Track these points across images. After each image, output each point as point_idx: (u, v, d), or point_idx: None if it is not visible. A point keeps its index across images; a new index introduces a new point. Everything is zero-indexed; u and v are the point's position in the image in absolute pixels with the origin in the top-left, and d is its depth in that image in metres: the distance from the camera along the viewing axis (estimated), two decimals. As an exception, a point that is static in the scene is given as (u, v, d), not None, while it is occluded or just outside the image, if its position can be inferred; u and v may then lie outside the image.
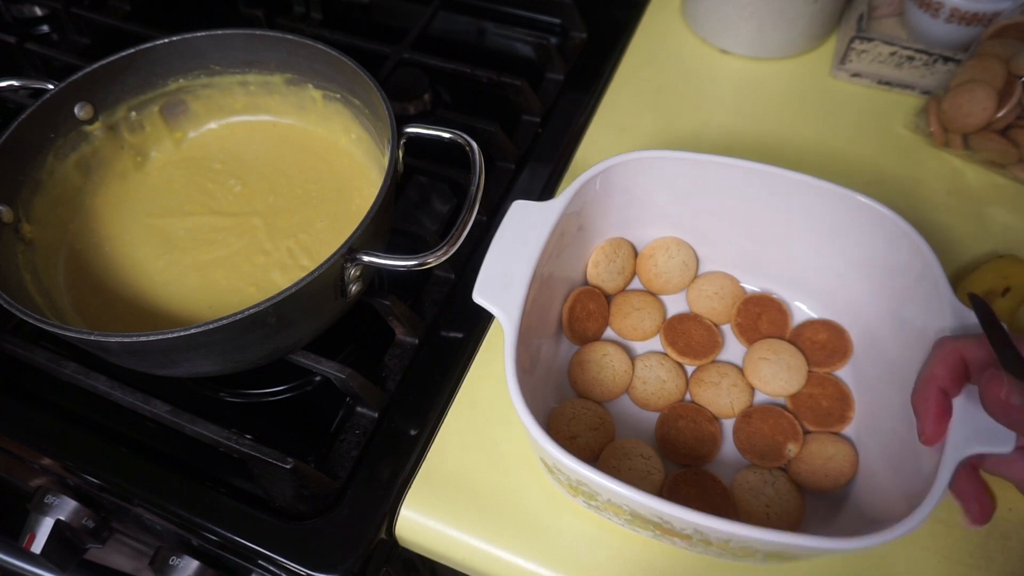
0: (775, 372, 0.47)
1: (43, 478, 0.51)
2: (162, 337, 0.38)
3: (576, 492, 0.39)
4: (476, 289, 0.41)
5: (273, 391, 0.51)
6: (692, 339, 0.49)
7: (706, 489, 0.43)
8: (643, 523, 0.38)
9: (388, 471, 0.45)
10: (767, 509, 0.42)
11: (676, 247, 0.51)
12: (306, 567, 0.42)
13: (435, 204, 0.59)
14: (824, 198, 0.44)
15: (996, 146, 0.55)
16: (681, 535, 0.37)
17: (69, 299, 0.48)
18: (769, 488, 0.43)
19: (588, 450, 0.44)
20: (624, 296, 0.51)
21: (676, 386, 0.47)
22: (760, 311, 0.49)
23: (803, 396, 0.46)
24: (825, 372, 0.47)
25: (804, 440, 0.45)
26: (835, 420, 0.45)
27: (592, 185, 0.45)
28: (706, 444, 0.45)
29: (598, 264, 0.50)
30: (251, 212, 0.53)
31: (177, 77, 0.54)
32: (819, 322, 0.49)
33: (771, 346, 0.48)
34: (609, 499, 0.36)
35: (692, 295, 0.51)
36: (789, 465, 0.44)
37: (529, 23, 0.71)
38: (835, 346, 0.47)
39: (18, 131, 0.47)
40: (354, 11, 0.74)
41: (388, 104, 0.46)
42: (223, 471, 0.47)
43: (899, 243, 0.42)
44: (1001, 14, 0.56)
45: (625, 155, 0.45)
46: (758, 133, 0.61)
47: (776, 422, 0.45)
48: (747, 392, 0.47)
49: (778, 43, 0.64)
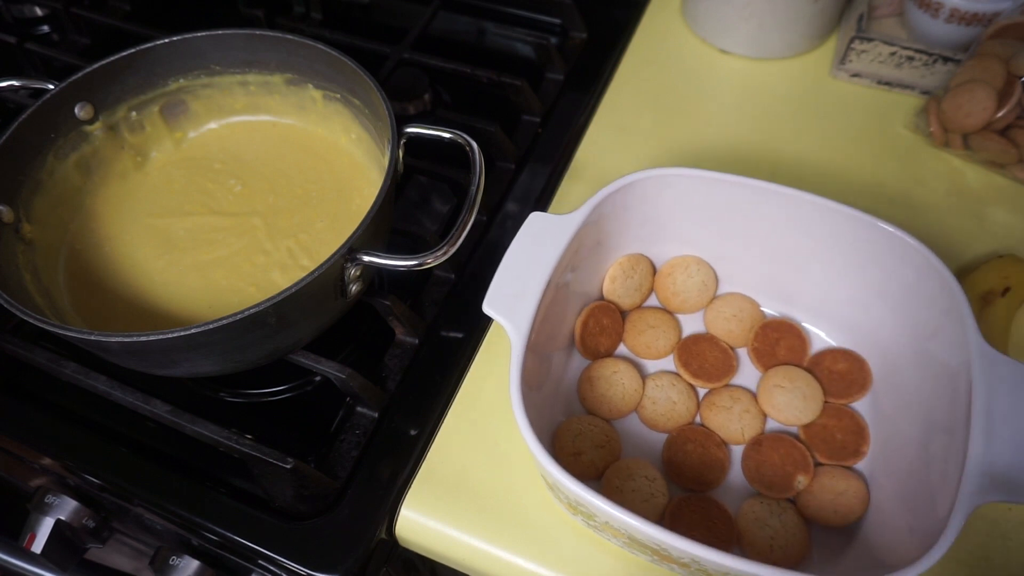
0: (789, 401, 0.45)
1: (43, 478, 0.51)
2: (162, 337, 0.38)
3: (575, 511, 0.39)
4: (487, 300, 0.40)
5: (273, 391, 0.51)
6: (706, 361, 0.48)
7: (710, 516, 0.42)
8: (641, 548, 0.37)
9: (388, 471, 0.45)
10: (771, 541, 0.41)
11: (696, 266, 0.50)
12: (306, 567, 0.42)
13: (435, 204, 0.59)
14: (849, 223, 0.43)
15: (996, 146, 0.55)
16: (679, 563, 0.36)
17: (69, 299, 0.48)
18: (775, 520, 0.42)
19: (592, 468, 0.43)
20: (640, 313, 0.50)
21: (687, 408, 0.46)
22: (778, 336, 0.48)
23: (817, 427, 0.45)
24: (842, 403, 0.46)
25: (815, 472, 0.43)
26: (849, 454, 0.44)
27: (611, 201, 0.44)
28: (713, 470, 0.44)
29: (615, 279, 0.49)
30: (251, 212, 0.53)
31: (177, 77, 0.54)
32: (839, 351, 0.47)
33: (787, 373, 0.46)
34: (607, 521, 0.36)
35: (710, 316, 0.50)
36: (798, 497, 0.43)
37: (529, 23, 0.71)
38: (854, 377, 0.46)
39: (18, 131, 0.47)
40: (354, 11, 0.74)
41: (388, 104, 0.46)
42: (223, 471, 0.47)
43: (927, 275, 0.41)
44: (1001, 14, 0.56)
45: (644, 172, 0.45)
46: (758, 133, 0.61)
47: (787, 452, 0.44)
48: (759, 419, 0.46)
49: (778, 43, 0.64)
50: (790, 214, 0.45)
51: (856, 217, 0.43)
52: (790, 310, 0.50)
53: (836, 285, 0.46)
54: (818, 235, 0.45)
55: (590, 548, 0.43)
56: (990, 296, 0.48)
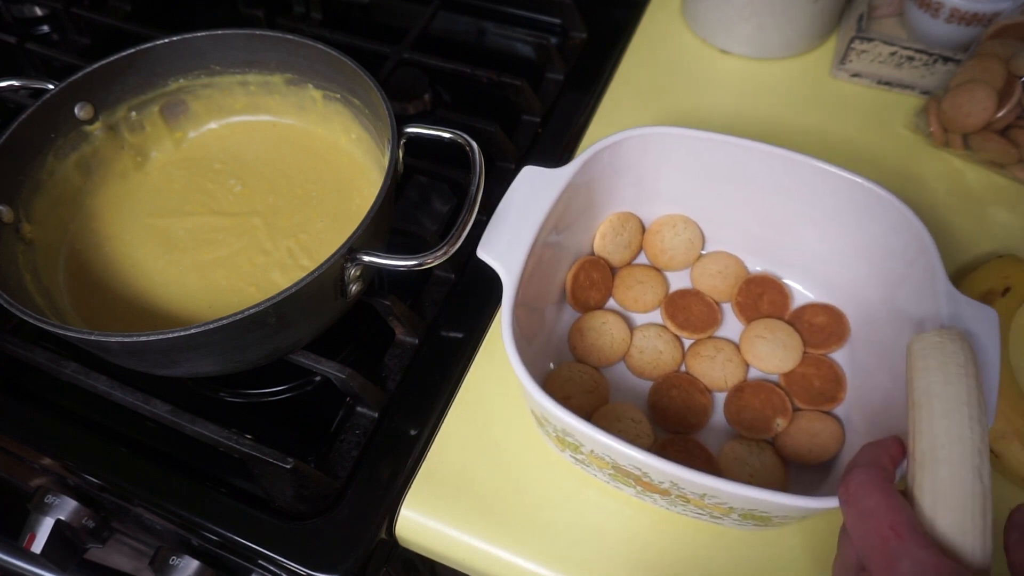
0: (771, 350, 0.47)
1: (43, 478, 0.51)
2: (162, 337, 0.38)
3: (563, 445, 0.40)
4: (480, 246, 0.42)
5: (273, 391, 0.51)
6: (692, 314, 0.49)
7: (692, 455, 0.44)
8: (624, 477, 0.38)
9: (388, 471, 0.45)
10: (751, 479, 0.43)
11: (683, 224, 0.52)
12: (306, 567, 0.42)
13: (435, 204, 0.59)
14: (829, 181, 0.45)
15: (996, 146, 0.55)
16: (660, 490, 0.37)
17: (69, 299, 0.48)
18: (754, 459, 0.44)
19: (581, 411, 0.44)
20: (629, 269, 0.52)
21: (672, 357, 0.48)
22: (761, 291, 0.50)
23: (796, 375, 0.47)
24: (821, 353, 0.48)
25: (793, 416, 0.45)
26: (826, 400, 0.46)
27: (602, 157, 0.46)
28: (696, 414, 0.46)
29: (605, 236, 0.50)
30: (251, 212, 0.53)
31: (177, 77, 0.54)
32: (819, 305, 0.49)
33: (768, 325, 0.48)
34: (592, 450, 0.37)
35: (696, 272, 0.52)
36: (776, 439, 0.45)
37: (529, 23, 0.71)
38: (833, 329, 0.48)
39: (18, 131, 0.47)
40: (354, 11, 0.74)
41: (388, 104, 0.46)
42: (223, 471, 0.47)
43: (898, 226, 0.43)
44: (1001, 14, 0.56)
45: (636, 129, 0.46)
46: (758, 133, 0.60)
47: (767, 397, 0.46)
48: (742, 368, 0.48)
49: (778, 43, 0.64)
50: (773, 172, 0.46)
51: (833, 173, 0.44)
52: (773, 267, 0.51)
53: (817, 242, 0.48)
54: (799, 193, 0.47)
55: (590, 537, 0.43)
56: (990, 296, 0.48)
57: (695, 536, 0.43)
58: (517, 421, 0.47)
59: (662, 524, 0.43)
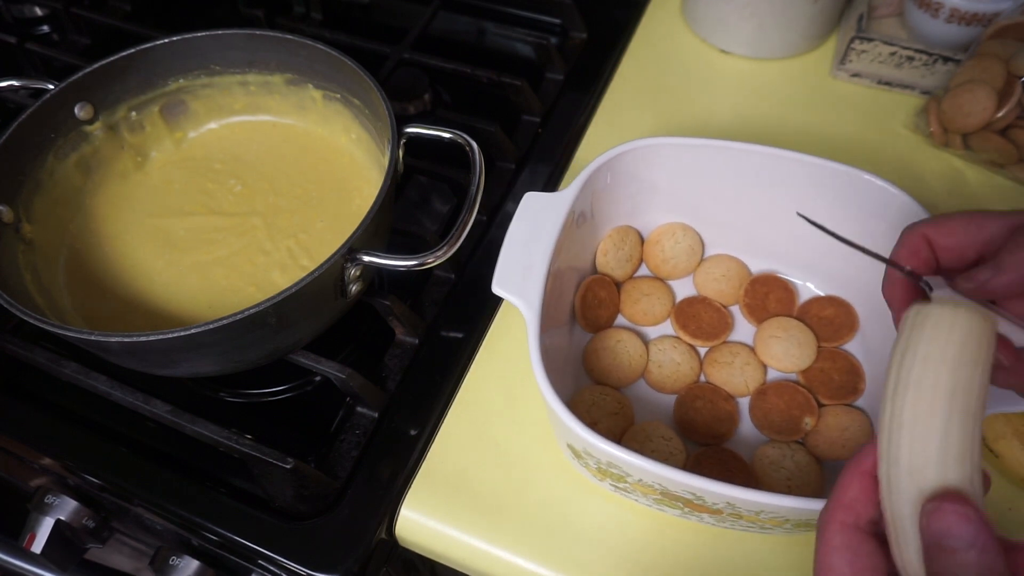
0: (786, 349, 0.47)
1: (43, 478, 0.51)
2: (162, 337, 0.38)
3: (604, 475, 0.40)
4: (495, 281, 0.41)
5: (273, 391, 0.51)
6: (703, 321, 0.49)
7: (727, 466, 0.43)
8: (672, 501, 0.38)
9: (388, 471, 0.45)
10: (788, 481, 0.43)
11: (682, 232, 0.52)
12: (306, 567, 0.42)
13: (435, 204, 0.59)
14: (824, 176, 0.45)
15: (996, 146, 0.55)
16: (711, 510, 0.37)
17: (69, 299, 0.48)
18: (789, 461, 0.44)
19: (610, 435, 0.44)
20: (633, 283, 0.51)
21: (691, 368, 0.48)
22: (767, 291, 0.50)
23: (815, 371, 0.47)
24: (834, 346, 0.48)
25: (819, 413, 0.45)
26: (848, 392, 0.46)
27: (601, 174, 0.46)
28: (724, 422, 0.46)
29: (607, 252, 0.50)
30: (251, 212, 0.53)
31: (177, 77, 0.54)
32: (825, 298, 0.49)
33: (780, 324, 0.48)
34: (640, 479, 0.37)
35: (699, 278, 0.52)
36: (806, 438, 0.45)
37: (529, 23, 0.71)
38: (842, 320, 0.48)
39: (18, 131, 0.47)
40: (354, 11, 0.74)
41: (388, 104, 0.46)
42: (223, 471, 0.47)
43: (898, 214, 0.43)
44: (1001, 14, 0.56)
45: (631, 143, 0.46)
46: (758, 133, 0.61)
47: (791, 397, 0.46)
48: (760, 370, 0.48)
49: (778, 43, 0.64)
50: (767, 172, 0.47)
51: (828, 167, 0.45)
52: (775, 265, 0.52)
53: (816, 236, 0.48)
54: (795, 189, 0.47)
55: (589, 536, 0.43)
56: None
57: (695, 537, 0.43)
58: (517, 421, 0.47)
59: (662, 524, 0.43)
